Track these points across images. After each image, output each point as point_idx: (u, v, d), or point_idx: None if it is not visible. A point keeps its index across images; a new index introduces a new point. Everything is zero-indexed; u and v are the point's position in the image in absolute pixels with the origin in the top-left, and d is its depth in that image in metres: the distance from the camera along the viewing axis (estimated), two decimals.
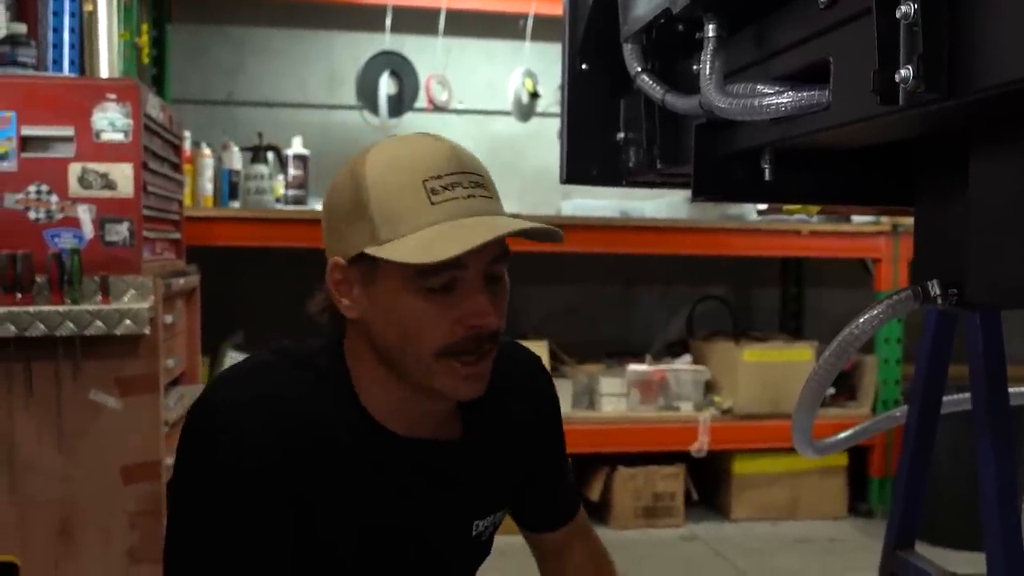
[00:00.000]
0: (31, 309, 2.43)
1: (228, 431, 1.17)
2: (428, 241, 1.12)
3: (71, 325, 2.45)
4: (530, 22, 4.67)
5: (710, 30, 1.30)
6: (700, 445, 4.13)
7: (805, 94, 1.14)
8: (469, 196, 1.16)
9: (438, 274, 1.14)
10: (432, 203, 1.14)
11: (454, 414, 1.33)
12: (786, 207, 1.80)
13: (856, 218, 4.33)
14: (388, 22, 4.60)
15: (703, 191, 1.46)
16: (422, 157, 1.17)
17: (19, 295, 2.46)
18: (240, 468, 1.16)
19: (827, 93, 1.12)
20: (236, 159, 4.13)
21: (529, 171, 5.00)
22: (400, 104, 4.65)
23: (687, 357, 4.50)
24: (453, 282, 1.15)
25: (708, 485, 4.43)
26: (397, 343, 1.19)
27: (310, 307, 1.29)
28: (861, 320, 1.31)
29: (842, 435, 1.84)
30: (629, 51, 1.62)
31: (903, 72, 0.92)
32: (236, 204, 4.07)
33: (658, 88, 1.54)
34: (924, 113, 0.97)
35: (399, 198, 1.15)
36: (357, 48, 4.77)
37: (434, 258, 1.10)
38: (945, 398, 1.95)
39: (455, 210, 1.14)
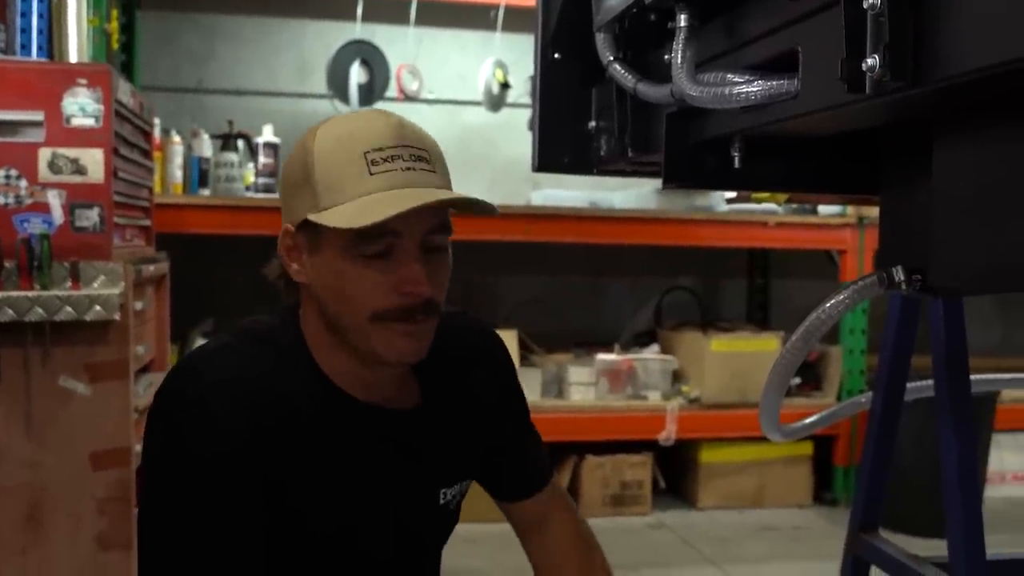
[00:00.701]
0: None
1: (194, 417, 1.18)
2: (362, 208, 1.16)
3: (40, 311, 2.44)
4: (501, 13, 4.68)
5: (682, 20, 1.33)
6: (668, 434, 4.16)
7: (775, 83, 1.17)
8: (408, 168, 1.20)
9: (374, 240, 1.18)
10: (371, 173, 1.18)
11: (410, 383, 1.35)
12: (754, 195, 1.83)
13: (822, 210, 4.39)
14: (359, 11, 4.59)
15: (673, 178, 1.48)
16: (367, 130, 1.21)
17: None
18: (209, 453, 1.17)
19: (796, 82, 1.14)
20: (206, 147, 4.12)
21: (500, 161, 5.01)
22: (371, 93, 4.65)
23: (655, 347, 4.54)
24: (389, 249, 1.19)
25: (675, 474, 4.47)
26: (336, 308, 1.23)
27: (266, 271, 1.33)
28: (828, 305, 1.34)
29: (808, 420, 1.88)
30: (602, 40, 1.64)
31: (870, 61, 0.94)
32: (206, 192, 4.06)
33: (630, 77, 1.57)
34: (889, 101, 1.00)
35: (341, 168, 1.20)
36: (328, 37, 4.76)
37: (363, 223, 1.14)
38: (909, 384, 2.00)
39: (392, 181, 1.18)
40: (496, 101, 4.81)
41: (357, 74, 4.62)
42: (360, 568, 1.32)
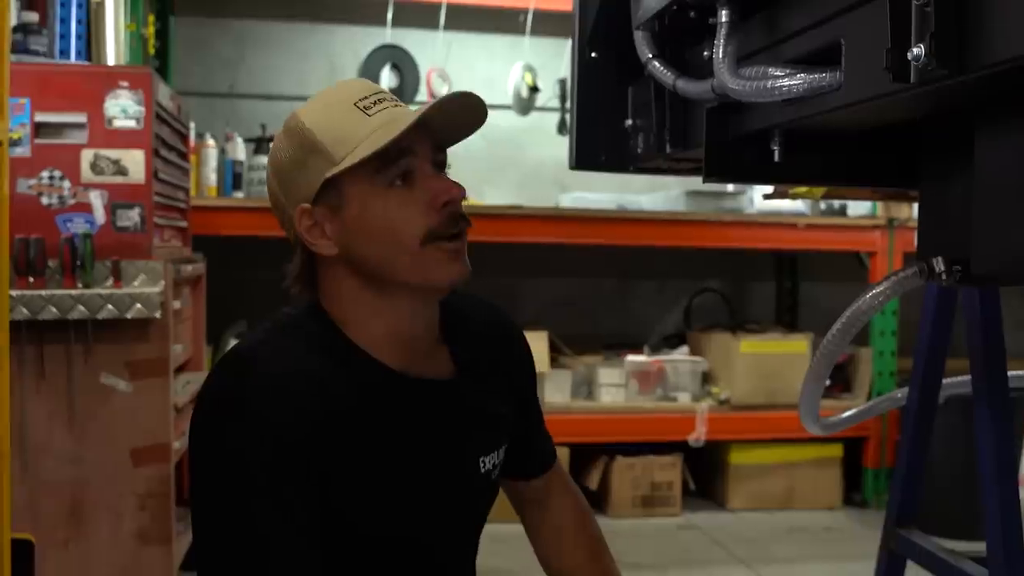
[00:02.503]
0: (44, 293, 2.47)
1: (244, 416, 1.19)
2: (377, 138, 1.22)
3: (83, 309, 2.49)
4: (530, 17, 4.71)
5: (723, 16, 1.35)
6: (697, 435, 4.17)
7: (817, 75, 1.19)
8: (396, 105, 1.28)
9: (394, 164, 1.24)
10: (369, 116, 1.26)
11: (443, 353, 1.38)
12: (792, 190, 1.85)
13: (852, 211, 4.39)
14: (389, 16, 4.64)
15: (714, 172, 1.50)
16: (345, 90, 1.30)
17: (32, 279, 2.50)
18: (262, 450, 1.18)
19: (838, 74, 1.16)
20: (240, 150, 4.17)
21: (528, 165, 5.04)
22: (401, 97, 4.62)
23: (684, 348, 4.54)
24: (410, 172, 1.25)
25: (705, 475, 4.48)
26: (383, 251, 1.26)
27: (286, 272, 1.34)
28: (867, 296, 1.36)
29: (845, 414, 1.89)
30: (640, 38, 1.66)
31: (915, 50, 0.96)
32: (239, 194, 4.11)
33: (669, 74, 1.59)
34: (932, 91, 1.02)
35: (340, 123, 1.26)
36: (358, 42, 4.81)
37: (386, 139, 1.21)
38: (944, 380, 2.01)
39: (390, 115, 1.25)
40: (525, 105, 4.84)
41: (387, 78, 4.66)
42: (410, 546, 1.33)
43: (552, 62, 4.75)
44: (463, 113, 1.30)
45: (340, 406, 1.24)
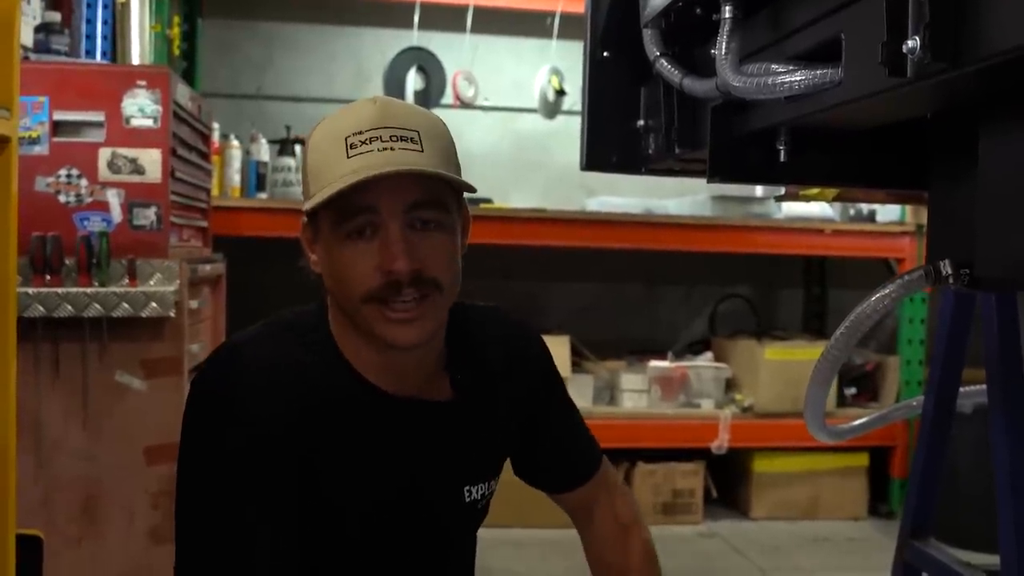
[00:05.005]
0: (59, 291, 2.48)
1: (230, 408, 1.20)
2: (334, 188, 1.18)
3: (98, 307, 2.50)
4: (557, 20, 4.69)
5: (726, 11, 1.32)
6: (720, 442, 4.13)
7: (818, 72, 1.16)
8: (385, 148, 1.20)
9: (351, 219, 1.20)
10: (348, 156, 1.20)
11: (442, 376, 1.35)
12: (803, 192, 1.81)
13: (880, 217, 4.33)
14: (416, 18, 4.63)
15: (718, 172, 1.47)
16: (350, 117, 1.24)
17: (48, 277, 2.51)
18: (245, 443, 1.19)
19: (839, 70, 1.13)
20: (264, 151, 4.18)
21: (554, 168, 5.01)
22: (427, 100, 4.67)
23: (709, 355, 4.50)
24: (371, 228, 1.21)
25: (728, 483, 4.42)
26: (337, 293, 1.25)
27: (301, 266, 1.34)
28: (873, 299, 1.33)
29: (857, 422, 1.84)
30: (648, 36, 1.64)
31: (910, 43, 0.93)
32: (263, 195, 4.12)
33: (676, 72, 1.56)
34: (934, 86, 0.98)
35: (324, 156, 1.22)
36: (384, 44, 4.80)
37: (320, 199, 1.18)
38: (962, 389, 1.96)
39: (368, 161, 1.19)
40: (551, 108, 4.82)
41: (413, 81, 4.66)
42: (386, 559, 1.32)
43: (579, 65, 4.66)
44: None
45: (325, 405, 1.24)
